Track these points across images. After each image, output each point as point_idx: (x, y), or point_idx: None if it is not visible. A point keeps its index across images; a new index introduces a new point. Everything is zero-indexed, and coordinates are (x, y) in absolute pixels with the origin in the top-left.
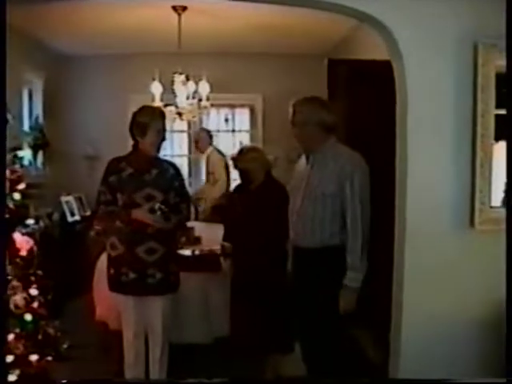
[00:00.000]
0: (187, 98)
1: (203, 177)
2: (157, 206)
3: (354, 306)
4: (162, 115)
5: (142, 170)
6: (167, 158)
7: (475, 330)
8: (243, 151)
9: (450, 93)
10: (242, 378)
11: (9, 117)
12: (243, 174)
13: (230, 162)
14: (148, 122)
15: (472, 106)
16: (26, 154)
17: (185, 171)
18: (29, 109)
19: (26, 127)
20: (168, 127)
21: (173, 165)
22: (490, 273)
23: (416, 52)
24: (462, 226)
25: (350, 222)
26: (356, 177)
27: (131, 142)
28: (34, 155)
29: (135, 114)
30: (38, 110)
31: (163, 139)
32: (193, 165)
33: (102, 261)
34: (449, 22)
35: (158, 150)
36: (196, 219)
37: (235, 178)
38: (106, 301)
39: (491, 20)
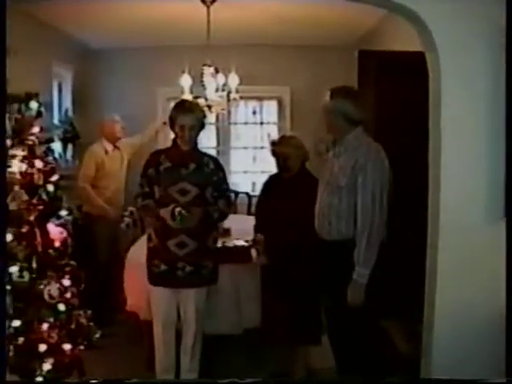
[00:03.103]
0: (216, 91)
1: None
2: (177, 210)
3: (361, 299)
4: (191, 111)
5: (179, 163)
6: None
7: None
8: (285, 137)
9: (485, 83)
10: (272, 379)
11: (41, 109)
12: (281, 160)
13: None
14: (174, 117)
15: (506, 96)
16: (55, 146)
17: None
18: (58, 102)
19: (55, 120)
20: None
21: (214, 159)
22: None
23: (450, 42)
24: (496, 219)
25: (358, 215)
26: (369, 169)
27: (160, 135)
28: (64, 148)
29: (174, 110)
30: (68, 103)
31: (195, 136)
32: (221, 157)
33: (132, 252)
34: (483, 11)
35: (191, 145)
36: None
37: (263, 171)
38: (136, 291)
39: None
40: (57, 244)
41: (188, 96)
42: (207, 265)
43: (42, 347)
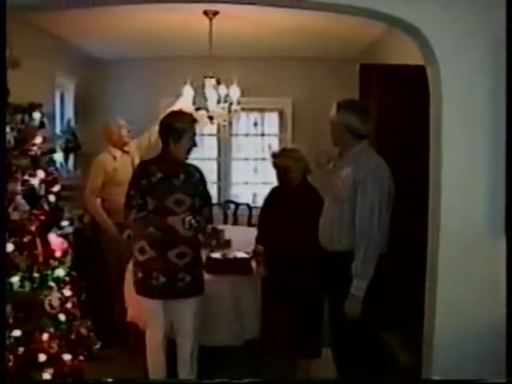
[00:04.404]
0: (218, 102)
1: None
2: (187, 219)
3: (358, 312)
4: (195, 121)
5: (171, 174)
6: (192, 162)
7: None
8: (285, 150)
9: (486, 96)
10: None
11: (44, 120)
12: (282, 172)
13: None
14: (185, 129)
15: (507, 107)
16: (57, 156)
17: (214, 175)
18: (60, 112)
19: (57, 130)
20: (198, 131)
21: (197, 169)
22: None
23: (451, 56)
24: (497, 229)
25: (357, 228)
26: (368, 182)
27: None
28: (66, 158)
29: (170, 120)
30: (70, 113)
31: (195, 145)
32: (222, 168)
33: None
34: (483, 24)
35: (188, 155)
36: (225, 222)
37: (264, 182)
38: (136, 302)
39: None
40: (58, 254)
41: (190, 107)
42: (200, 273)
43: (42, 357)
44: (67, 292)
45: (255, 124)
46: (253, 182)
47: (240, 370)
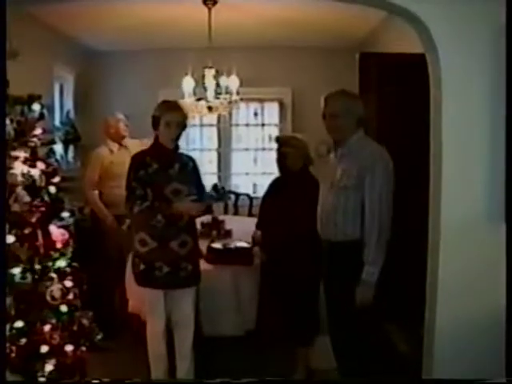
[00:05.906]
0: (219, 93)
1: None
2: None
3: (370, 300)
4: (177, 108)
5: (166, 164)
6: (188, 153)
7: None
8: (285, 136)
9: (485, 83)
10: (267, 378)
11: (44, 112)
12: (282, 158)
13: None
14: (159, 115)
15: (507, 98)
16: (57, 148)
17: (214, 165)
18: (60, 104)
19: (57, 122)
20: (197, 121)
21: (191, 158)
22: None
23: (451, 44)
24: (497, 221)
25: (367, 215)
26: (377, 170)
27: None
28: (65, 150)
29: (156, 109)
30: (69, 104)
31: (179, 133)
32: (222, 159)
33: None
34: (484, 13)
35: (175, 143)
36: (225, 212)
37: (264, 172)
38: (137, 294)
39: None
40: (58, 245)
41: (191, 98)
42: (198, 262)
43: (44, 348)
44: (68, 283)
45: (255, 114)
46: (253, 172)
47: (240, 360)
